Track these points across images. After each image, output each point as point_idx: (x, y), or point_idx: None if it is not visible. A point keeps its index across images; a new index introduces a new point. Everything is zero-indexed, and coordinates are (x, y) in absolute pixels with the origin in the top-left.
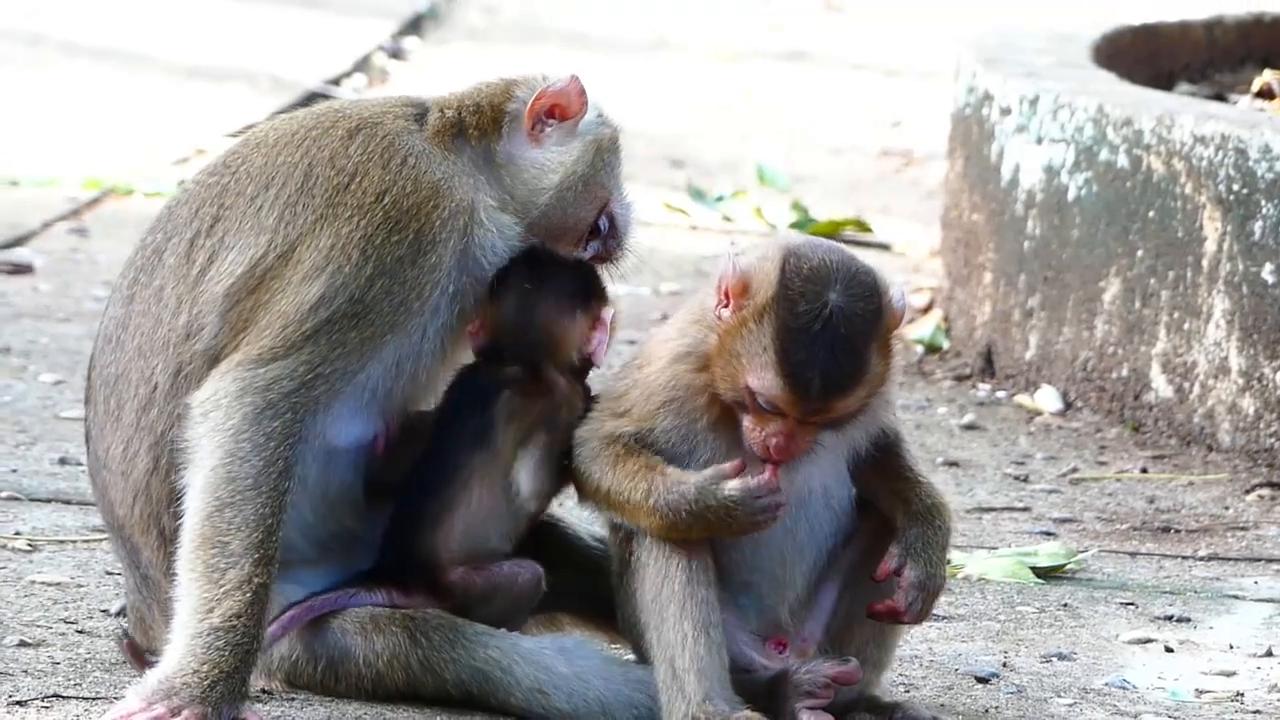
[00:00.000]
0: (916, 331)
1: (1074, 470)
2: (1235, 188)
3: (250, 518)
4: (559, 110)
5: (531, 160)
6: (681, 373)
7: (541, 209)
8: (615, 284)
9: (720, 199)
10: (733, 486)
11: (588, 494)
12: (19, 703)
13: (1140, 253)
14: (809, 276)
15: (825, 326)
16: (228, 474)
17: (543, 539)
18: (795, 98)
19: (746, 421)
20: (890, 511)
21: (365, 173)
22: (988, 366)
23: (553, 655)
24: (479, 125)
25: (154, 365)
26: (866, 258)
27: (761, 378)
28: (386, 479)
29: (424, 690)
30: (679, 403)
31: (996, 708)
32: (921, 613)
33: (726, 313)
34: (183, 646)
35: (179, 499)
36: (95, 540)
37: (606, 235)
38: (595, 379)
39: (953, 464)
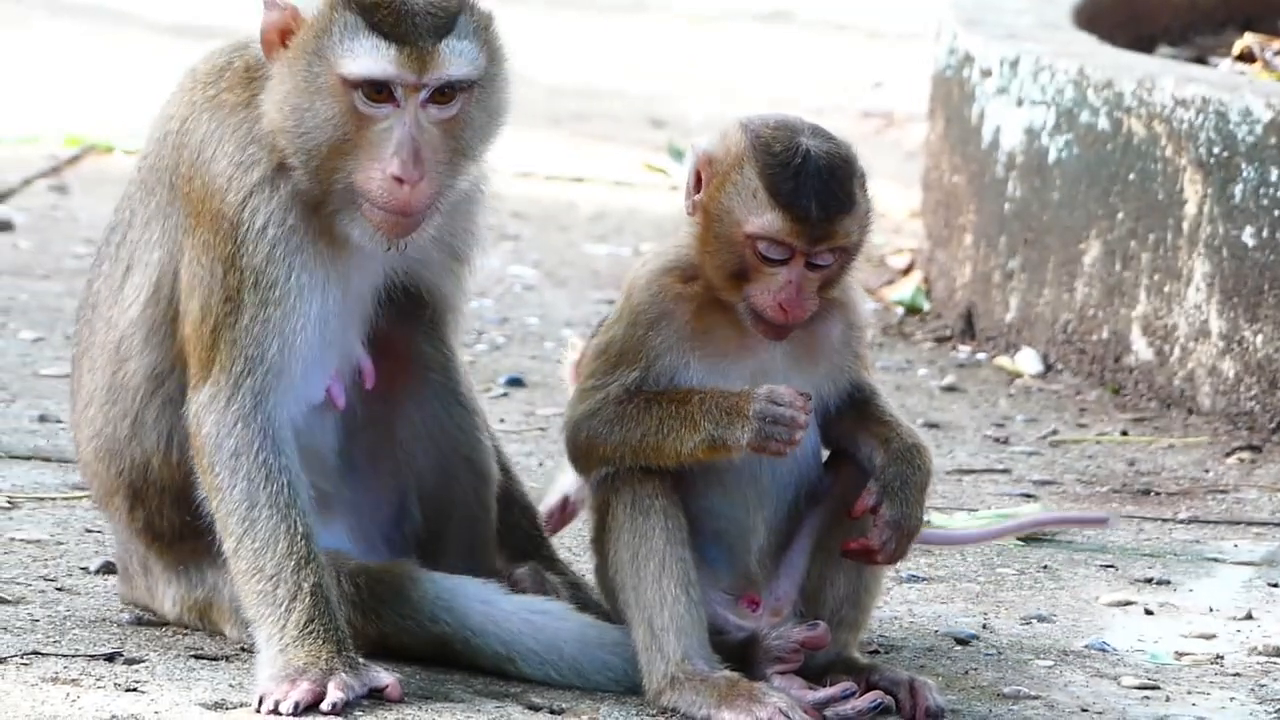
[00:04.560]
0: (896, 293)
1: (1054, 432)
2: (1216, 151)
3: (266, 535)
4: (288, 34)
5: (283, 115)
6: (668, 284)
7: (293, 148)
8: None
9: None
10: (760, 393)
11: (604, 457)
12: None
13: (1120, 215)
14: (776, 126)
15: (805, 159)
16: (227, 507)
17: None
18: (777, 58)
19: (753, 292)
20: (869, 454)
21: (194, 177)
22: (968, 328)
23: (519, 622)
24: (262, 72)
25: (96, 369)
26: None
27: (760, 218)
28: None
29: (399, 655)
30: (667, 316)
31: (975, 669)
32: (895, 552)
33: (700, 196)
34: (279, 655)
35: (121, 485)
36: (75, 498)
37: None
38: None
39: (933, 425)
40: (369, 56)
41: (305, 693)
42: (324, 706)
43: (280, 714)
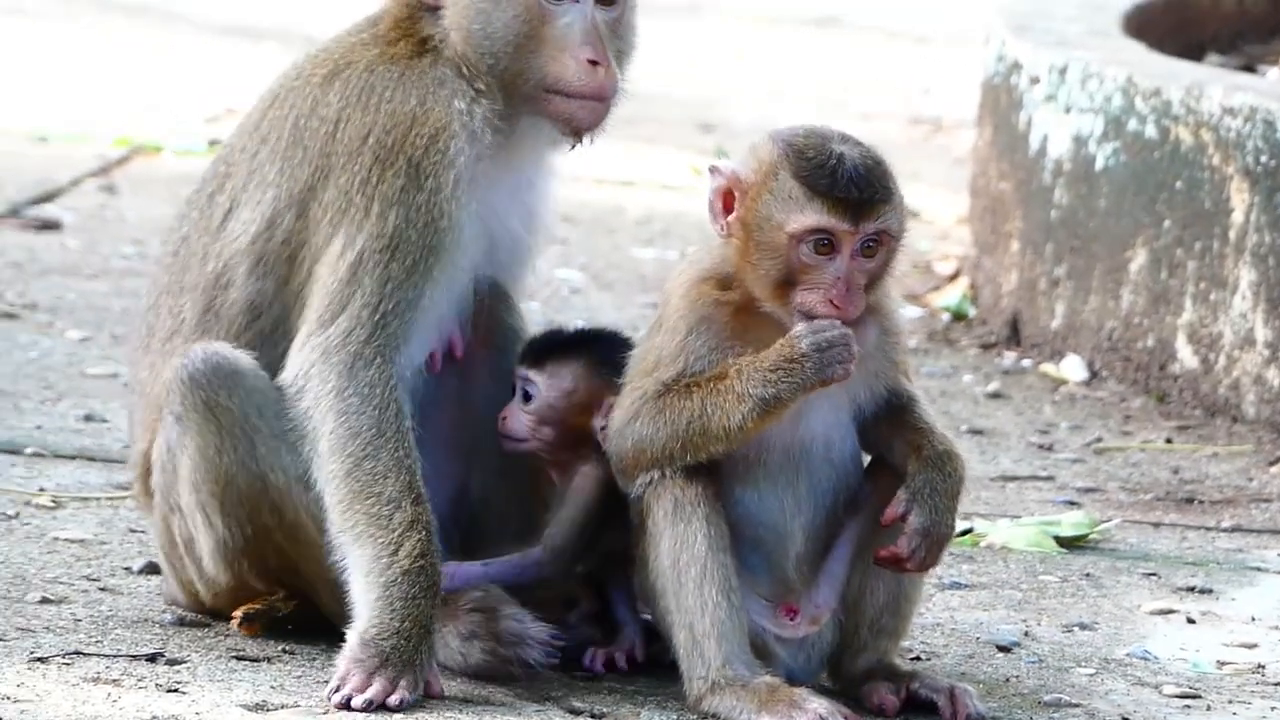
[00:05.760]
0: (943, 299)
1: (1098, 440)
2: (1263, 159)
3: (390, 463)
4: None
5: (468, 19)
6: (705, 290)
7: (479, 52)
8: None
9: None
10: (800, 329)
11: (653, 460)
12: (40, 659)
13: (1167, 223)
14: (807, 134)
15: (839, 160)
16: (350, 431)
17: None
18: (827, 63)
19: (802, 296)
20: (902, 462)
21: (347, 119)
22: (1013, 335)
23: None
24: (427, 18)
25: (183, 303)
26: None
27: (802, 213)
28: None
29: None
30: (706, 321)
31: (1017, 677)
32: (925, 560)
33: (730, 218)
34: (378, 599)
35: (198, 405)
36: (119, 498)
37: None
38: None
39: (977, 432)
40: None
41: (378, 691)
42: (391, 701)
43: (352, 709)
